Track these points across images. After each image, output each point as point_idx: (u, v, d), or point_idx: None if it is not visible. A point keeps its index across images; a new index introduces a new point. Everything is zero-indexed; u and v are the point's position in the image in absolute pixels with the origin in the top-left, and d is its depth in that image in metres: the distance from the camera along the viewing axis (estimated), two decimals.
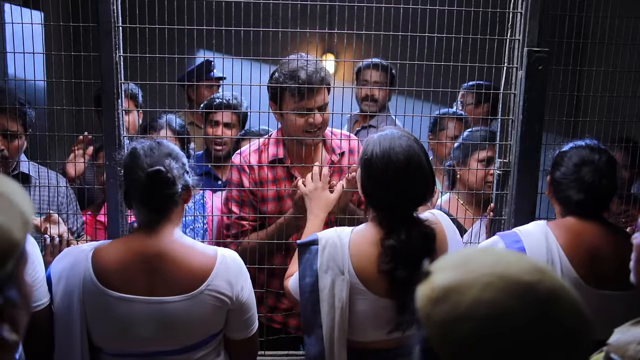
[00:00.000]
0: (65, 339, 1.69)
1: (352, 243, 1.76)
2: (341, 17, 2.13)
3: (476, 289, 0.85)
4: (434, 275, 0.91)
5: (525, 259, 0.92)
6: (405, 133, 1.83)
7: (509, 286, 0.85)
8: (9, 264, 0.90)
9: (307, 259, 1.77)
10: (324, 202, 2.09)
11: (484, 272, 0.87)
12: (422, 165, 1.76)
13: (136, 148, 1.73)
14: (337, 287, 1.72)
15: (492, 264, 0.88)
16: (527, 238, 1.84)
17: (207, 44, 2.32)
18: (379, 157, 1.74)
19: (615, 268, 1.76)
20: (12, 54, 2.09)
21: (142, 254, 1.68)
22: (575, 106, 2.32)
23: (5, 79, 2.27)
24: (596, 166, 1.85)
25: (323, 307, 1.73)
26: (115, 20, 2.02)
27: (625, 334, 1.18)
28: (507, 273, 0.87)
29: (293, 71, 2.18)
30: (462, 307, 0.85)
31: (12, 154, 2.33)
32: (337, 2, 2.07)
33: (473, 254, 0.93)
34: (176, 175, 1.69)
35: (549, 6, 2.09)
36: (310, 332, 1.77)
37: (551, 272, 0.90)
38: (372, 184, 1.77)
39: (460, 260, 0.92)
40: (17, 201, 0.94)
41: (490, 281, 0.85)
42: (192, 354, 1.73)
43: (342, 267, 1.73)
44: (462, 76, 2.17)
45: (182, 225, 1.92)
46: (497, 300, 0.84)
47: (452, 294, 0.86)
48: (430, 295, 0.88)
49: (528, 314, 0.84)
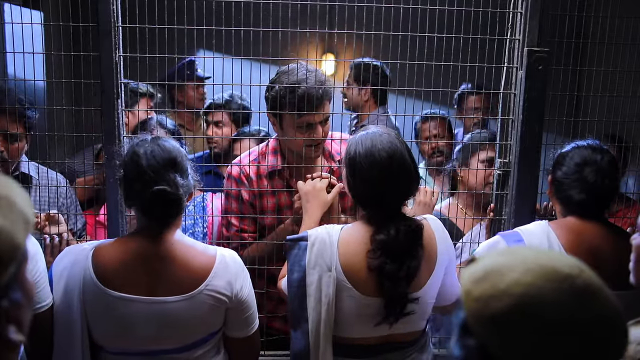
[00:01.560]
0: (66, 337, 1.69)
1: (341, 241, 1.78)
2: (341, 17, 2.13)
3: (517, 272, 0.90)
4: (480, 260, 0.96)
5: (567, 257, 0.97)
6: (387, 131, 1.85)
7: (548, 273, 0.90)
8: (12, 267, 0.90)
9: (296, 254, 1.79)
10: (319, 202, 2.09)
11: (527, 260, 0.92)
12: (405, 161, 1.78)
13: (137, 152, 1.70)
14: (324, 283, 1.74)
15: (535, 256, 0.94)
16: (528, 237, 1.84)
17: (207, 44, 2.31)
18: (362, 156, 1.77)
19: (615, 268, 1.75)
20: (12, 54, 2.09)
21: (143, 254, 1.68)
22: (575, 106, 2.32)
23: (5, 79, 2.27)
24: (598, 166, 1.85)
25: (310, 302, 1.75)
26: (115, 20, 2.02)
27: None
28: (549, 263, 0.91)
29: (293, 84, 2.10)
30: (500, 285, 0.90)
31: (13, 155, 2.32)
32: (337, 2, 2.07)
33: (518, 248, 1.01)
34: (181, 188, 1.67)
35: (549, 6, 2.09)
36: (296, 326, 1.78)
37: (591, 271, 0.94)
38: (357, 183, 1.80)
39: (507, 250, 1.01)
40: (17, 203, 0.94)
41: (531, 267, 0.91)
42: (192, 352, 1.73)
43: (329, 264, 1.74)
44: (462, 76, 2.17)
45: (182, 229, 1.91)
46: (535, 283, 0.88)
47: (494, 274, 0.92)
48: (473, 275, 0.94)
49: (563, 300, 0.87)
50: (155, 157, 1.68)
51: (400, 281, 1.72)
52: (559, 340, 0.86)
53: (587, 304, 0.88)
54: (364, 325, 1.77)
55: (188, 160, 1.78)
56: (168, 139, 1.80)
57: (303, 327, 1.76)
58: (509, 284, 0.89)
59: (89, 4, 2.01)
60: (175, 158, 1.71)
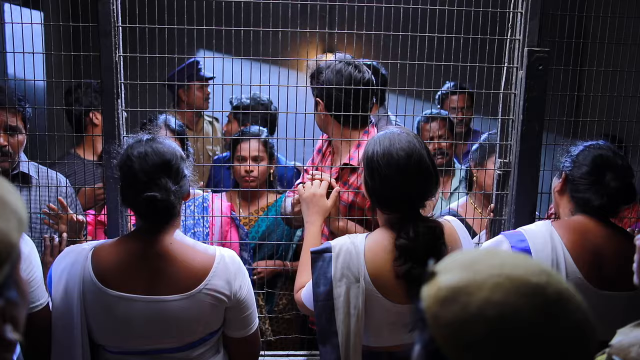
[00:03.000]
0: (66, 337, 1.69)
1: (367, 250, 1.75)
2: (341, 17, 2.13)
3: (486, 290, 0.84)
4: (441, 275, 0.90)
5: (531, 261, 0.92)
6: (405, 130, 1.83)
7: (517, 287, 0.85)
8: (7, 266, 0.90)
9: (321, 266, 1.75)
10: (319, 209, 2.08)
11: (492, 273, 0.86)
12: (424, 160, 1.76)
13: (131, 155, 1.68)
14: (352, 295, 1.70)
15: (500, 265, 0.88)
16: (532, 237, 1.83)
17: (207, 44, 2.31)
18: (379, 156, 1.75)
19: (618, 269, 1.75)
20: (12, 54, 2.09)
21: (142, 253, 1.68)
22: (576, 106, 2.32)
23: (5, 79, 2.27)
24: (619, 171, 1.84)
25: (338, 315, 1.71)
26: (115, 20, 2.02)
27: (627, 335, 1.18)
28: (515, 274, 0.86)
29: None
30: (471, 308, 0.84)
31: (15, 149, 2.33)
32: (337, 2, 2.07)
33: (478, 256, 0.93)
34: (172, 194, 1.66)
35: (549, 6, 2.09)
36: (325, 340, 1.75)
37: (556, 274, 0.90)
38: (375, 183, 1.77)
39: (466, 260, 0.91)
40: (10, 201, 0.93)
41: (499, 282, 0.85)
42: (191, 351, 1.73)
43: (357, 275, 1.71)
44: (462, 76, 2.17)
45: (183, 229, 1.91)
46: (507, 302, 0.84)
47: (461, 294, 0.85)
48: (437, 295, 0.87)
49: (537, 315, 0.84)
50: (148, 161, 1.66)
51: None
52: (538, 354, 0.84)
53: (562, 315, 0.85)
54: (395, 333, 1.75)
55: (184, 161, 1.76)
56: (165, 139, 1.79)
57: (332, 342, 1.73)
58: (480, 306, 0.83)
59: (89, 4, 2.01)
60: (169, 161, 1.69)
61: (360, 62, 2.28)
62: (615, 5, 2.21)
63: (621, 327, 1.22)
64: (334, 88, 2.19)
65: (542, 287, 0.86)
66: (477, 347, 0.84)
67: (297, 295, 1.90)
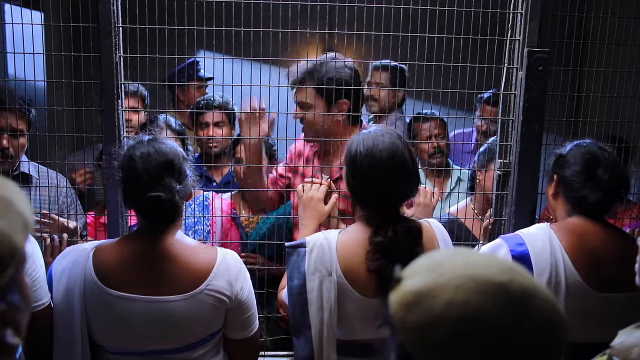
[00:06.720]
0: (66, 336, 1.69)
1: (339, 244, 1.77)
2: (341, 17, 2.13)
3: (448, 292, 0.85)
4: (406, 280, 0.90)
5: (495, 260, 0.92)
6: (389, 130, 1.84)
7: (480, 287, 0.85)
8: (11, 269, 0.89)
9: (295, 261, 1.79)
10: (316, 213, 2.09)
11: (455, 275, 0.87)
12: (406, 161, 1.78)
13: (133, 155, 1.68)
14: (325, 289, 1.73)
15: (463, 266, 0.88)
16: (531, 241, 1.82)
17: (207, 44, 2.31)
18: (362, 155, 1.76)
19: (618, 270, 1.75)
20: (12, 54, 2.09)
21: (143, 253, 1.68)
22: (576, 107, 2.32)
23: (6, 79, 2.27)
24: (609, 164, 1.84)
25: (311, 309, 1.74)
26: (115, 21, 2.02)
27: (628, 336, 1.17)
28: (478, 274, 0.86)
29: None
30: (435, 310, 0.84)
31: (16, 152, 2.33)
32: (337, 3, 2.07)
33: (443, 257, 0.93)
34: (177, 193, 1.66)
35: (549, 6, 2.09)
36: (298, 334, 1.78)
37: (522, 271, 0.90)
38: (357, 181, 1.79)
39: (431, 264, 0.92)
40: (16, 204, 0.93)
41: (462, 283, 0.85)
42: (192, 352, 1.73)
43: (329, 269, 1.74)
44: (462, 77, 2.17)
45: (185, 228, 1.91)
46: (470, 302, 0.84)
47: (425, 298, 0.86)
48: (403, 300, 0.88)
49: (501, 313, 0.84)
50: (151, 161, 1.66)
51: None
52: (505, 351, 0.84)
53: (526, 311, 0.85)
54: (366, 327, 1.76)
55: (186, 161, 1.76)
56: (166, 139, 1.79)
57: (306, 335, 1.75)
58: (443, 307, 0.84)
59: (89, 4, 2.01)
60: (172, 161, 1.68)
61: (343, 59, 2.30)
62: (615, 6, 2.21)
63: (621, 328, 1.22)
64: (358, 88, 2.20)
65: (505, 285, 0.85)
66: (443, 349, 0.84)
67: (279, 294, 1.92)
